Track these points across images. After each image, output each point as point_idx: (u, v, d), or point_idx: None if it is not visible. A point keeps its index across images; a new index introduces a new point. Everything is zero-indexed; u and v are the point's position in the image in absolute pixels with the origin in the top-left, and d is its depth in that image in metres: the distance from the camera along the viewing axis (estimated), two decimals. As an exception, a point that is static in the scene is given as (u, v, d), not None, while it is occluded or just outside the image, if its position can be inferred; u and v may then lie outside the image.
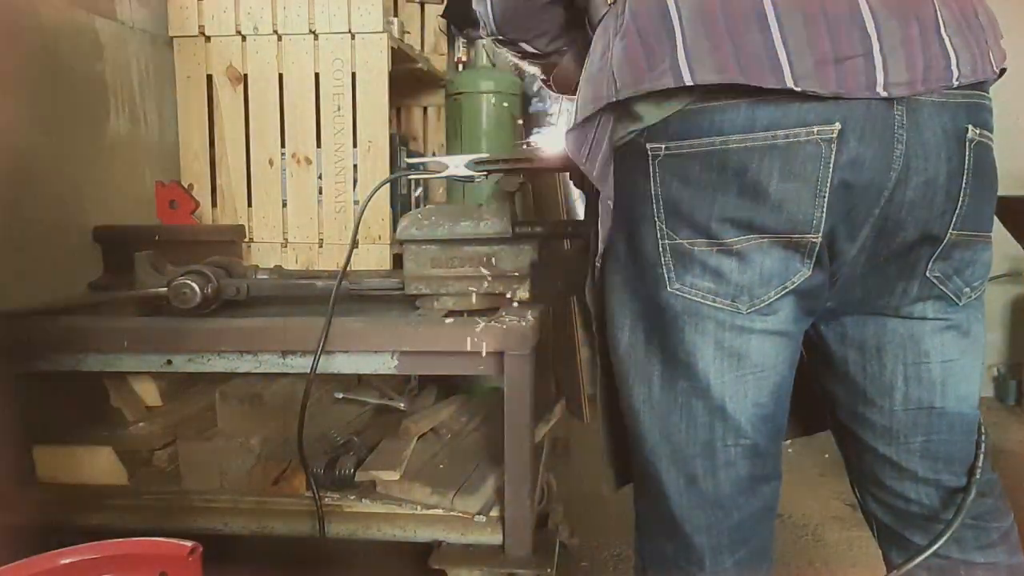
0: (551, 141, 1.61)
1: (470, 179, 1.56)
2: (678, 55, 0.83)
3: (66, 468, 1.64)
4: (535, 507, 1.55)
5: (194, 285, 1.55)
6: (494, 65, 2.95)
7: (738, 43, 0.81)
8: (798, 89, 0.79)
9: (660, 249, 0.90)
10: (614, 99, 0.88)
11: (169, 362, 1.55)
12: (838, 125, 0.80)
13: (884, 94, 0.80)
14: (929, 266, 0.91)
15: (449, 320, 1.51)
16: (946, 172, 0.85)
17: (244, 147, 2.36)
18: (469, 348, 1.44)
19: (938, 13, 0.85)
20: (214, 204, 2.40)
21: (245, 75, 2.34)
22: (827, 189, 0.83)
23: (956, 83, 0.84)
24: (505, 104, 2.79)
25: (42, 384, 1.65)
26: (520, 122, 2.48)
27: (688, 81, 0.82)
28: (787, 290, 0.89)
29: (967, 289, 0.95)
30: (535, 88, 2.87)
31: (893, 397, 0.98)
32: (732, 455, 0.95)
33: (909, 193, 0.84)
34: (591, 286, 1.04)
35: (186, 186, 2.34)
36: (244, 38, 2.32)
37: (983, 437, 1.03)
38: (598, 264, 1.00)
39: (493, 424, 1.92)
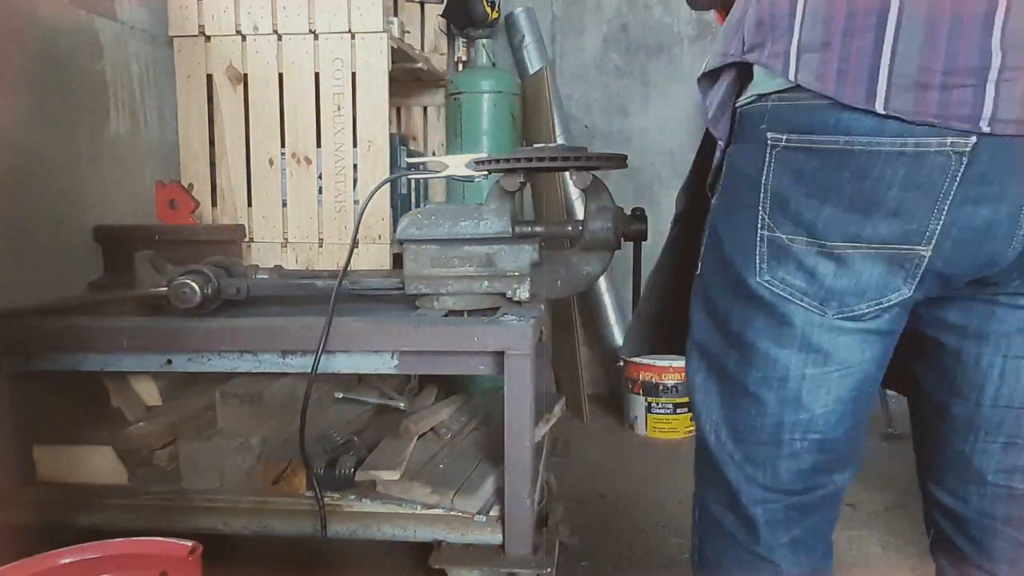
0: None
1: (470, 179, 1.56)
2: (792, 41, 0.82)
3: (66, 468, 1.65)
4: (535, 507, 1.55)
5: (194, 285, 1.55)
6: (494, 65, 2.95)
7: (848, 44, 0.78)
8: (882, 112, 0.76)
9: (758, 238, 0.88)
10: (738, 59, 0.88)
11: (169, 362, 1.55)
12: (974, 139, 0.76)
13: (987, 129, 0.75)
14: None
15: (449, 320, 1.51)
16: None
17: (244, 147, 2.37)
18: (469, 348, 1.44)
19: None
20: (214, 204, 2.40)
21: (245, 75, 2.34)
22: (948, 202, 0.78)
23: None
24: (505, 104, 2.79)
25: (42, 384, 1.65)
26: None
27: (791, 77, 0.81)
28: (881, 307, 0.86)
29: None
30: None
31: (984, 390, 0.93)
32: (798, 448, 0.93)
33: None
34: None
35: (186, 186, 2.35)
36: (244, 38, 2.32)
37: None
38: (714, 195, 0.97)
39: (493, 424, 1.93)
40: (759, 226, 0.88)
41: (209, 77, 2.36)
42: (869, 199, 0.80)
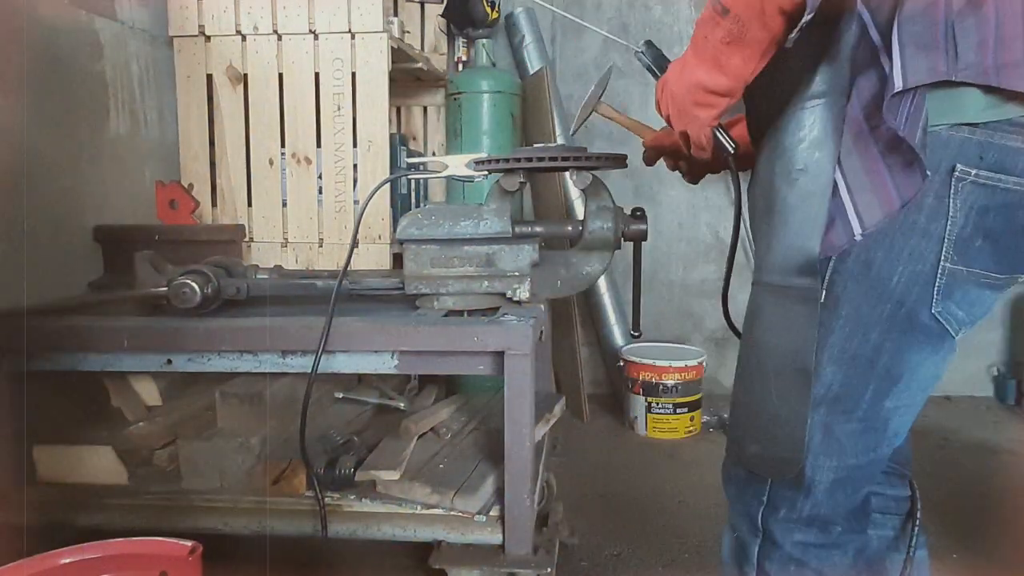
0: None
1: (470, 179, 1.56)
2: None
3: (66, 468, 1.65)
4: (535, 507, 1.55)
5: (194, 285, 1.55)
6: (494, 65, 2.95)
7: None
8: None
9: (940, 270, 0.87)
10: (953, 77, 0.81)
11: (169, 362, 1.55)
12: None
13: None
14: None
15: (449, 320, 1.51)
16: None
17: (244, 147, 2.37)
18: (469, 348, 1.44)
19: None
20: (214, 204, 2.40)
21: (245, 75, 2.34)
22: None
23: None
24: (505, 104, 2.79)
25: (42, 384, 1.65)
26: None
27: None
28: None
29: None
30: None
31: None
32: (876, 458, 0.99)
33: None
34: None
35: (186, 186, 2.35)
36: (244, 38, 2.32)
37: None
38: (855, 243, 0.89)
39: (493, 424, 1.93)
40: (943, 258, 0.87)
41: (209, 77, 2.36)
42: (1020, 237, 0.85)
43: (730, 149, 1.02)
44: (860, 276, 0.89)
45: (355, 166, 2.32)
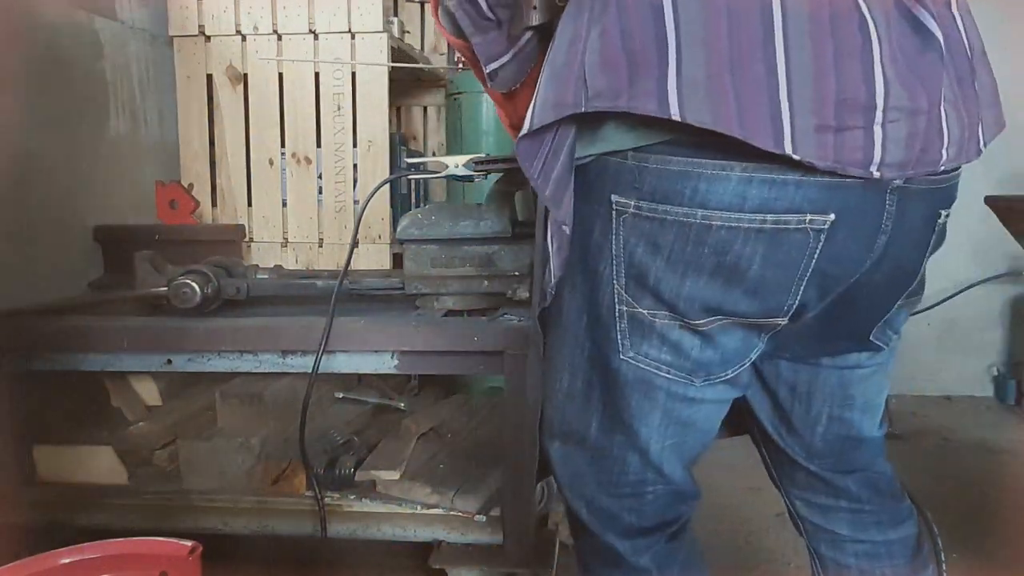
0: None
1: (470, 179, 1.56)
2: (668, 75, 0.69)
3: (66, 468, 1.64)
4: (535, 507, 1.55)
5: (194, 285, 1.55)
6: (494, 65, 2.94)
7: (739, 76, 0.69)
8: (796, 158, 0.69)
9: (616, 314, 0.82)
10: (581, 110, 0.73)
11: (169, 362, 1.55)
12: (832, 216, 0.73)
13: (876, 175, 0.71)
14: (874, 332, 0.93)
15: (449, 320, 1.51)
16: (915, 257, 0.85)
17: (244, 147, 2.36)
18: (469, 348, 1.44)
19: (943, 81, 0.74)
20: (214, 204, 2.40)
21: (245, 75, 2.34)
22: (805, 278, 0.77)
23: (941, 168, 0.77)
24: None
25: (42, 384, 1.65)
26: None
27: (675, 115, 0.69)
28: (743, 366, 0.88)
29: (895, 336, 0.97)
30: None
31: (815, 431, 1.02)
32: (659, 493, 0.95)
33: (877, 277, 0.81)
34: (536, 312, 0.94)
35: (186, 186, 2.34)
36: (244, 38, 2.32)
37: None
38: (551, 293, 0.88)
39: (493, 424, 1.93)
40: (616, 300, 0.82)
41: (209, 77, 2.36)
42: (729, 275, 0.76)
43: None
44: (560, 320, 0.90)
45: (355, 166, 2.32)
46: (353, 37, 2.27)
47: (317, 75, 2.31)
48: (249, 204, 2.38)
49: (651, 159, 0.75)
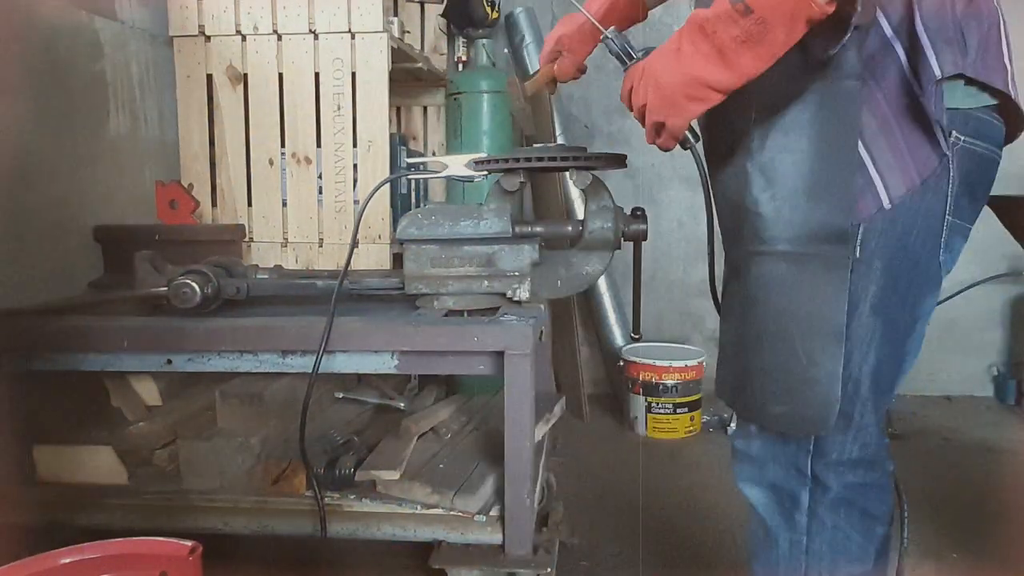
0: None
1: (470, 179, 1.56)
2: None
3: (66, 468, 1.65)
4: (535, 507, 1.55)
5: (194, 285, 1.55)
6: (494, 65, 2.95)
7: (998, 55, 0.96)
8: None
9: (944, 224, 0.98)
10: (966, 71, 0.94)
11: (169, 362, 1.55)
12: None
13: (1014, 94, 0.98)
14: None
15: (449, 320, 1.51)
16: None
17: (244, 147, 2.37)
18: (469, 348, 1.44)
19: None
20: (214, 204, 2.40)
21: (245, 75, 2.34)
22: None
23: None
24: (505, 104, 2.79)
25: (42, 384, 1.65)
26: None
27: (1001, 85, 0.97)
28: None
29: None
30: None
31: None
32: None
33: None
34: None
35: (186, 186, 2.35)
36: (244, 38, 2.32)
37: None
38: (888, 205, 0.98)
39: (493, 424, 1.93)
40: (946, 211, 0.98)
41: (209, 77, 2.36)
42: (983, 194, 1.03)
43: (693, 140, 1.05)
44: (888, 234, 0.97)
45: (355, 166, 2.32)
46: (353, 37, 2.27)
47: (317, 75, 2.31)
48: (249, 204, 2.38)
49: (973, 111, 0.99)
